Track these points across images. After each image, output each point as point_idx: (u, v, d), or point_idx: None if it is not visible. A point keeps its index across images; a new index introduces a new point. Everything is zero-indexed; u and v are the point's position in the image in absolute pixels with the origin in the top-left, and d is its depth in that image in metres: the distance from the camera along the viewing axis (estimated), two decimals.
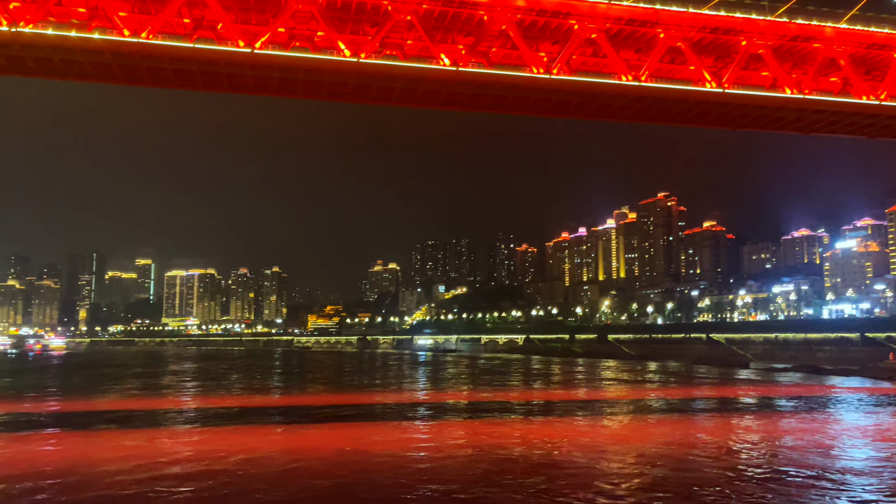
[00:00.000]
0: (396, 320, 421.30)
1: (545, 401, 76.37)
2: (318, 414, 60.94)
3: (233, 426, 51.03)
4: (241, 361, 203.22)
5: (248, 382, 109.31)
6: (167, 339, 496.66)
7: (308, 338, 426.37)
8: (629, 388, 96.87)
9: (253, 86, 50.19)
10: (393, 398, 79.99)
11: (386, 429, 51.12)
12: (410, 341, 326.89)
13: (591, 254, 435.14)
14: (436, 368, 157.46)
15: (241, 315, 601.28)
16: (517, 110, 57.98)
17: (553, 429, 51.85)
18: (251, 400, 75.58)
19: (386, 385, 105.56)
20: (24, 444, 42.80)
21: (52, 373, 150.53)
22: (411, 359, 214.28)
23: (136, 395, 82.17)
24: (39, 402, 72.49)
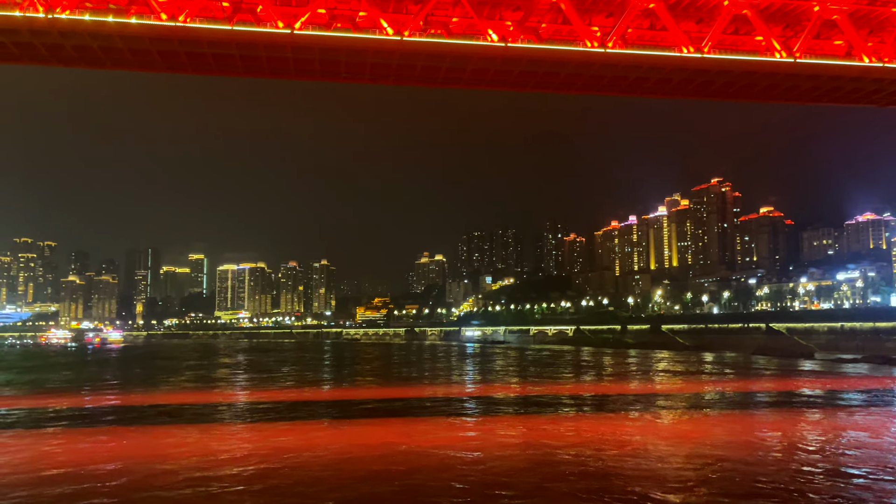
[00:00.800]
0: (443, 312, 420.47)
1: (597, 394, 73.25)
2: (368, 408, 59.41)
3: (284, 422, 49.92)
4: (291, 354, 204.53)
5: (298, 375, 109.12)
6: (220, 332, 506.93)
7: (357, 330, 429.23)
8: (685, 380, 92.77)
9: (294, 69, 48.41)
10: (441, 391, 78.00)
11: (435, 425, 49.06)
12: (458, 333, 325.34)
13: (641, 242, 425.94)
14: (484, 360, 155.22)
15: (291, 308, 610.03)
16: (569, 89, 54.80)
17: (606, 425, 48.94)
18: (302, 394, 74.65)
19: (434, 377, 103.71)
20: (82, 441, 42.59)
21: (111, 366, 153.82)
22: (459, 350, 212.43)
23: (190, 389, 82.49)
24: (99, 396, 73.34)
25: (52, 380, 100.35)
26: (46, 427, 48.22)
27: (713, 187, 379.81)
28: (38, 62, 45.92)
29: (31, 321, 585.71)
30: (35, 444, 41.18)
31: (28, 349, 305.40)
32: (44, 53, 44.58)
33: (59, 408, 60.99)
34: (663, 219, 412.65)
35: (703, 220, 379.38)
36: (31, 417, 54.92)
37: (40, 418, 54.03)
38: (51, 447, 40.17)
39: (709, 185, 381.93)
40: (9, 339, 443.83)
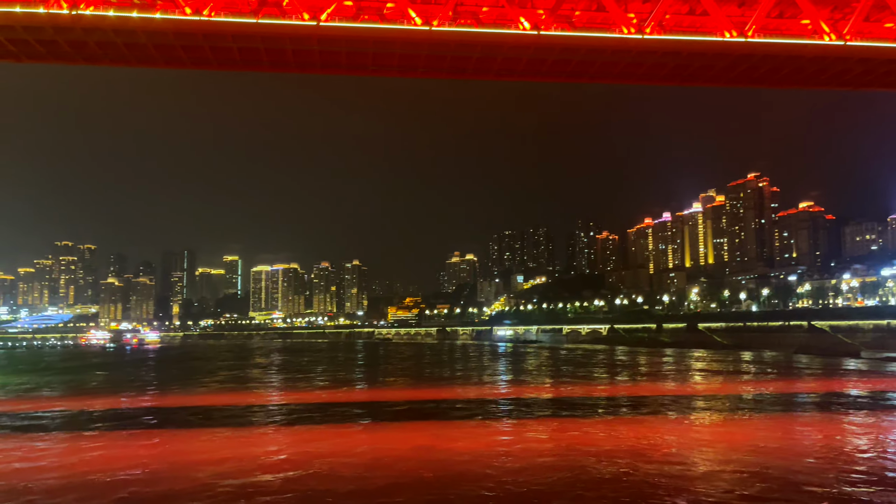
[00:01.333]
0: (475, 311, 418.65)
1: (633, 395, 70.79)
2: (400, 410, 58.20)
3: (316, 425, 49.10)
4: (324, 354, 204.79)
5: (331, 375, 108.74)
6: (254, 333, 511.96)
7: (388, 329, 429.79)
8: (723, 380, 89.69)
9: (320, 63, 47.28)
10: (474, 392, 76.33)
11: (467, 428, 47.53)
12: (490, 332, 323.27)
13: (676, 240, 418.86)
14: (516, 360, 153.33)
15: (323, 308, 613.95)
16: (604, 78, 52.67)
17: (642, 429, 46.82)
18: (334, 395, 73.84)
19: (466, 377, 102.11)
20: (118, 446, 42.33)
21: (147, 366, 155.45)
22: (491, 350, 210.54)
23: (225, 390, 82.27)
24: (136, 398, 73.49)
25: (90, 381, 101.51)
26: (84, 430, 48.06)
27: (750, 182, 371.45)
28: (62, 60, 45.51)
29: (73, 322, 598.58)
30: (72, 449, 40.95)
31: (68, 350, 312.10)
32: (68, 51, 44.12)
33: (97, 409, 61.12)
34: (698, 215, 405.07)
35: (739, 216, 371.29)
36: (70, 420, 54.84)
37: (78, 420, 53.95)
38: (88, 452, 39.88)
39: (745, 180, 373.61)
40: (51, 339, 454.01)
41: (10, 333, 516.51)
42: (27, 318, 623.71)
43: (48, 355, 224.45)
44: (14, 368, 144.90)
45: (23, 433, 46.87)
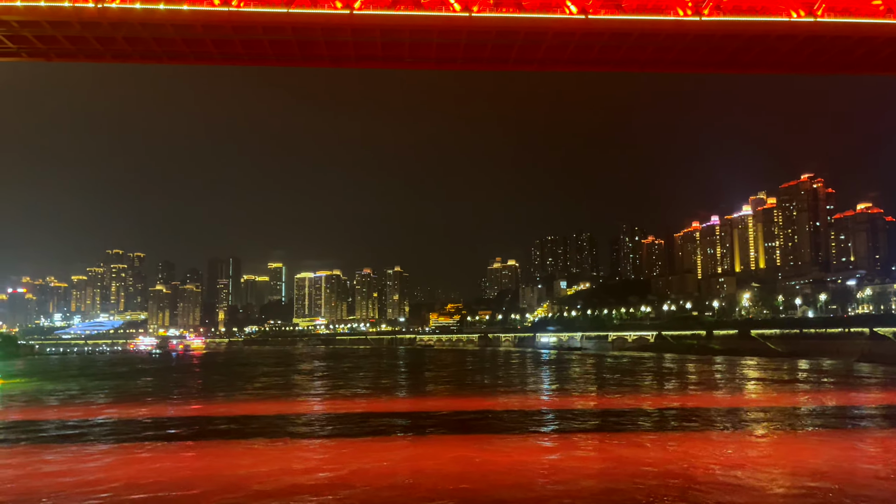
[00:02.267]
0: (517, 318, 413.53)
1: (682, 407, 66.58)
2: (442, 420, 55.63)
3: (359, 438, 47.19)
4: (366, 360, 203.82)
5: (373, 382, 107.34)
6: (298, 339, 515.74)
7: (430, 336, 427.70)
8: (778, 390, 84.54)
9: (355, 55, 45.04)
10: (516, 402, 73.16)
11: (510, 442, 44.62)
12: (533, 339, 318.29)
13: (725, 244, 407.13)
14: (560, 367, 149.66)
15: (365, 314, 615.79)
16: (656, 66, 49.18)
17: (692, 445, 43.23)
18: (376, 404, 71.90)
19: (509, 385, 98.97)
20: (161, 459, 41.16)
21: (192, 373, 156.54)
22: (534, 357, 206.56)
23: (268, 398, 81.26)
24: (180, 406, 72.90)
25: (136, 387, 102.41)
26: (128, 442, 47.24)
27: (803, 183, 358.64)
28: (93, 58, 44.24)
29: (123, 329, 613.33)
30: (117, 463, 40.16)
31: (117, 356, 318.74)
32: (97, 47, 42.81)
33: (142, 418, 60.55)
34: (748, 218, 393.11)
35: (792, 219, 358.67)
36: (115, 430, 54.12)
37: (124, 430, 53.23)
38: (133, 466, 39.14)
39: (798, 181, 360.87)
40: (102, 346, 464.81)
41: (64, 340, 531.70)
42: (80, 325, 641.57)
43: (98, 362, 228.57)
44: (66, 374, 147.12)
45: (70, 444, 46.31)
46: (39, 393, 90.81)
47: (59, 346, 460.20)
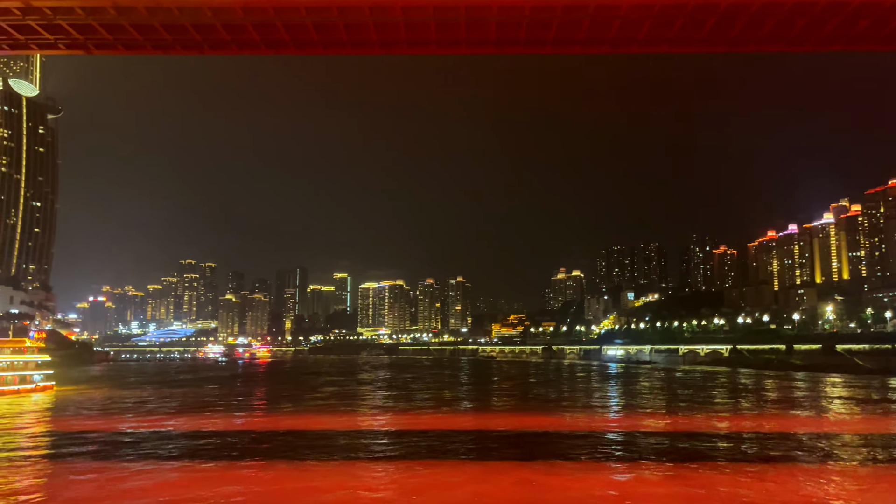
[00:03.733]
0: (582, 329, 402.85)
1: (760, 432, 59.56)
2: (506, 440, 51.24)
3: (422, 460, 43.45)
4: (428, 371, 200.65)
5: (435, 394, 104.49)
6: (362, 348, 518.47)
7: (493, 347, 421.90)
8: (869, 413, 75.83)
9: (406, 39, 41.28)
10: (583, 420, 67.71)
11: (576, 470, 39.68)
12: (599, 351, 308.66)
13: (804, 254, 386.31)
14: (627, 381, 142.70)
15: (428, 324, 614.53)
16: (745, 45, 43.08)
17: (772, 480, 37.33)
18: (440, 419, 68.18)
19: (574, 401, 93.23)
20: (227, 479, 39.23)
21: (257, 381, 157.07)
22: (600, 370, 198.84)
23: (332, 410, 79.40)
24: (248, 416, 71.63)
25: (196, 396, 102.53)
26: (196, 458, 45.18)
27: (891, 189, 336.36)
28: (133, 49, 42.01)
29: (194, 336, 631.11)
30: (183, 482, 38.63)
31: (186, 363, 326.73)
32: (136, 37, 40.51)
33: (210, 430, 58.80)
34: (830, 227, 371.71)
35: (879, 227, 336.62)
36: (184, 443, 52.42)
37: (192, 445, 51.34)
38: (201, 488, 37.48)
39: (885, 187, 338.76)
40: (174, 353, 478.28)
41: (140, 346, 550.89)
42: (155, 332, 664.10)
43: (167, 369, 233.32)
44: (129, 382, 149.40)
45: (140, 459, 44.44)
46: (88, 402, 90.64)
47: (135, 353, 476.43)
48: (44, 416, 74.61)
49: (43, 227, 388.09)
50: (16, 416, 74.25)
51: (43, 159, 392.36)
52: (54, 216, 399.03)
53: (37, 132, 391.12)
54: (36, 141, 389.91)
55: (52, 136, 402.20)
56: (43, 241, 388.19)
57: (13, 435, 58.79)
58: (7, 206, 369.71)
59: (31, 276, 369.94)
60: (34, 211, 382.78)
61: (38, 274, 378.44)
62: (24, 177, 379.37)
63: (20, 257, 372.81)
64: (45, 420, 71.16)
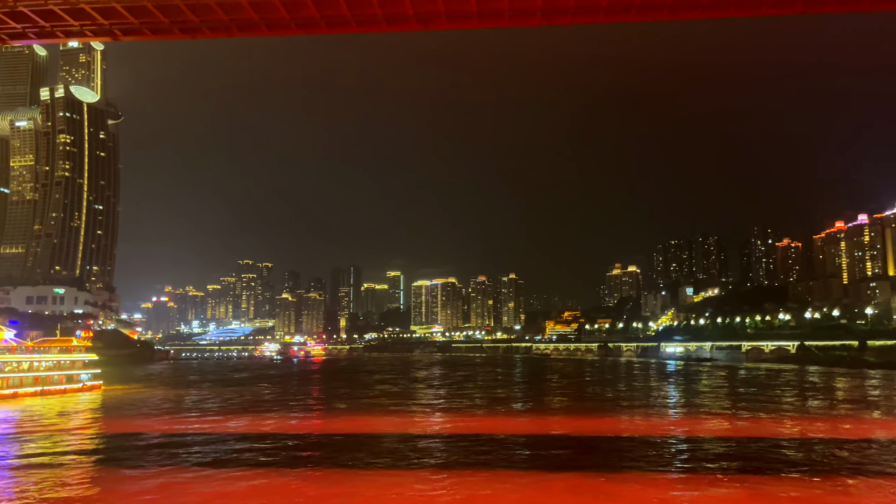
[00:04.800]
0: (639, 326, 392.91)
1: (836, 438, 53.96)
2: (560, 446, 47.73)
3: (478, 470, 40.71)
4: (481, 369, 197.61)
5: (489, 394, 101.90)
6: (415, 346, 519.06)
7: (546, 344, 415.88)
8: None
9: (445, 12, 38.08)
10: (641, 424, 63.35)
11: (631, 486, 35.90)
12: (657, 349, 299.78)
13: (875, 245, 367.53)
14: (688, 380, 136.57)
15: (481, 322, 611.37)
16: (822, 6, 38.64)
17: (851, 499, 32.50)
18: (494, 422, 64.98)
19: (631, 401, 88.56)
20: (283, 491, 36.67)
21: (312, 380, 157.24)
22: (658, 368, 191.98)
23: (386, 410, 77.33)
24: (301, 418, 69.57)
25: (250, 395, 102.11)
26: (250, 465, 42.78)
27: None
28: (160, 34, 40.17)
29: (252, 335, 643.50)
30: (238, 494, 36.26)
31: (243, 361, 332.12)
32: (162, 20, 38.54)
33: (265, 433, 56.74)
34: None
35: None
36: (238, 448, 50.30)
37: (239, 449, 49.29)
38: (258, 498, 35.51)
39: None
40: (233, 351, 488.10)
41: (201, 345, 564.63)
42: (214, 331, 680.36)
43: (224, 367, 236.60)
44: (183, 381, 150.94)
45: (195, 468, 42.28)
46: (135, 401, 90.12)
47: (195, 352, 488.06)
48: (88, 417, 73.82)
49: (105, 230, 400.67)
50: (59, 416, 73.78)
51: (104, 163, 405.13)
52: (116, 219, 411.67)
53: (98, 137, 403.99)
54: (97, 146, 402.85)
55: (112, 141, 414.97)
56: (105, 242, 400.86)
57: (56, 436, 58.06)
58: (71, 209, 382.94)
59: (95, 278, 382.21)
60: (96, 214, 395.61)
61: (101, 275, 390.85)
62: (87, 181, 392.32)
63: (84, 259, 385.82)
64: (89, 421, 70.28)
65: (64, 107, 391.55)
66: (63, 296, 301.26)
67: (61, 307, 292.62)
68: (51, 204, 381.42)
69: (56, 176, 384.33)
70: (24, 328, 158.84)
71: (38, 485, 37.51)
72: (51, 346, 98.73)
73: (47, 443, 53.29)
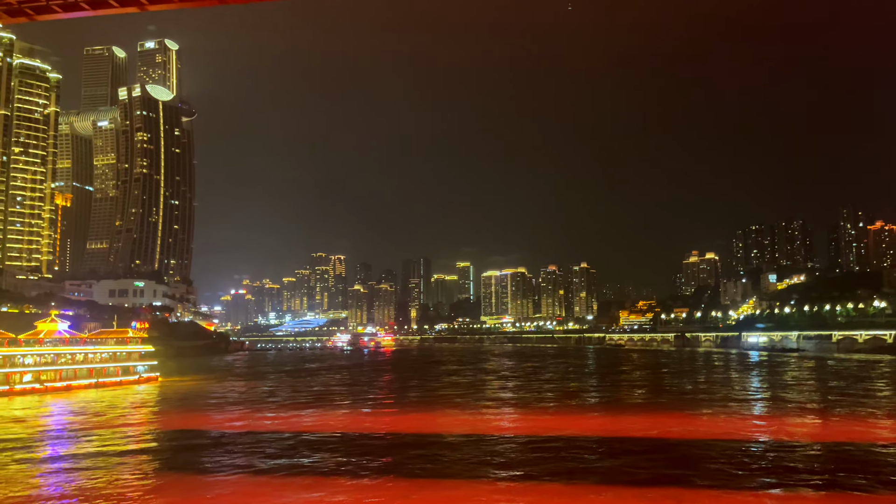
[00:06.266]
0: (718, 315, 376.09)
1: None
2: (639, 453, 42.68)
3: (549, 483, 36.04)
4: (552, 360, 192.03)
5: (561, 387, 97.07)
6: (485, 337, 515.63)
7: (620, 335, 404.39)
8: None
9: None
10: (723, 424, 57.00)
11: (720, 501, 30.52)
12: (738, 339, 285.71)
13: None
14: (772, 372, 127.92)
15: (551, 312, 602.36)
16: None
17: None
18: (568, 420, 60.02)
19: (711, 395, 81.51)
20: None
21: (383, 370, 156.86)
22: (740, 360, 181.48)
23: (455, 404, 73.65)
24: (372, 415, 66.21)
25: (307, 388, 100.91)
26: (324, 472, 39.02)
27: None
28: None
29: (326, 326, 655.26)
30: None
31: (315, 351, 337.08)
32: None
33: (334, 432, 53.42)
34: None
35: None
36: (292, 448, 46.94)
37: (296, 451, 45.85)
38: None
39: None
40: (307, 342, 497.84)
41: (277, 336, 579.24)
42: (290, 323, 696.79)
43: (296, 358, 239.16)
44: (259, 370, 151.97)
45: (259, 474, 38.88)
46: (190, 394, 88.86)
47: (270, 343, 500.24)
48: (137, 412, 71.88)
49: (181, 224, 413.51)
50: (109, 408, 72.51)
51: (179, 160, 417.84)
52: (192, 213, 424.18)
53: (173, 134, 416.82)
54: (172, 142, 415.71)
55: (186, 138, 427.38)
56: (182, 237, 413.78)
57: (101, 432, 56.45)
58: (149, 205, 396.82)
59: (173, 271, 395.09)
60: (173, 209, 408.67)
61: (178, 268, 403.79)
62: (163, 177, 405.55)
63: (162, 253, 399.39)
64: (138, 416, 68.42)
65: (141, 105, 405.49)
66: (143, 289, 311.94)
67: (141, 300, 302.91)
68: (130, 200, 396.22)
69: (134, 173, 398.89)
70: (104, 320, 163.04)
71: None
72: (106, 337, 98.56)
73: (97, 440, 51.54)
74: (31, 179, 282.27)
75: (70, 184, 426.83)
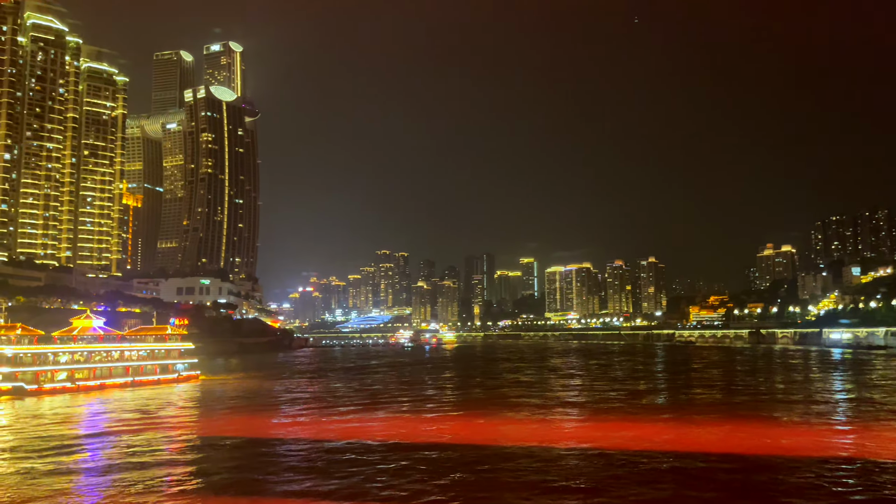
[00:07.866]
0: (796, 310, 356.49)
1: None
2: (714, 474, 36.73)
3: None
4: (619, 359, 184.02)
5: (629, 388, 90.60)
6: (549, 333, 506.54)
7: (691, 331, 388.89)
8: None
9: None
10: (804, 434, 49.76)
11: None
12: (818, 335, 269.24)
13: None
14: (856, 372, 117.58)
15: (618, 308, 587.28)
16: None
17: None
18: (636, 429, 54.03)
19: (789, 400, 73.32)
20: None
21: (445, 367, 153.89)
22: (821, 358, 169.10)
23: (521, 407, 68.62)
24: (434, 419, 61.38)
25: (390, 382, 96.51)
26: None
27: None
28: None
29: (391, 323, 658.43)
30: None
31: (377, 347, 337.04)
32: None
33: (402, 442, 48.88)
34: None
35: None
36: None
37: (384, 463, 41.39)
38: None
39: None
40: (371, 338, 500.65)
41: (343, 333, 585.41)
42: (356, 319, 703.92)
43: (358, 355, 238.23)
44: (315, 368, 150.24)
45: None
46: (228, 396, 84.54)
47: (335, 339, 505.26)
48: (169, 414, 67.89)
49: (246, 223, 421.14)
50: (138, 411, 68.77)
51: (243, 159, 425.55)
52: (256, 212, 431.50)
53: (237, 134, 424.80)
54: (236, 142, 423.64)
55: (250, 138, 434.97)
56: (247, 235, 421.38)
57: (126, 436, 53.38)
58: (214, 204, 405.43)
59: (238, 269, 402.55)
60: (238, 208, 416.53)
61: (243, 266, 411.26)
62: (227, 176, 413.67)
63: (227, 251, 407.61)
64: (176, 418, 64.52)
65: (205, 106, 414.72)
66: (208, 286, 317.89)
67: (207, 297, 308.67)
68: (196, 200, 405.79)
69: (200, 173, 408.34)
70: (170, 317, 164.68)
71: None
72: (145, 334, 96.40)
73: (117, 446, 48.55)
74: (101, 180, 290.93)
75: (141, 185, 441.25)
